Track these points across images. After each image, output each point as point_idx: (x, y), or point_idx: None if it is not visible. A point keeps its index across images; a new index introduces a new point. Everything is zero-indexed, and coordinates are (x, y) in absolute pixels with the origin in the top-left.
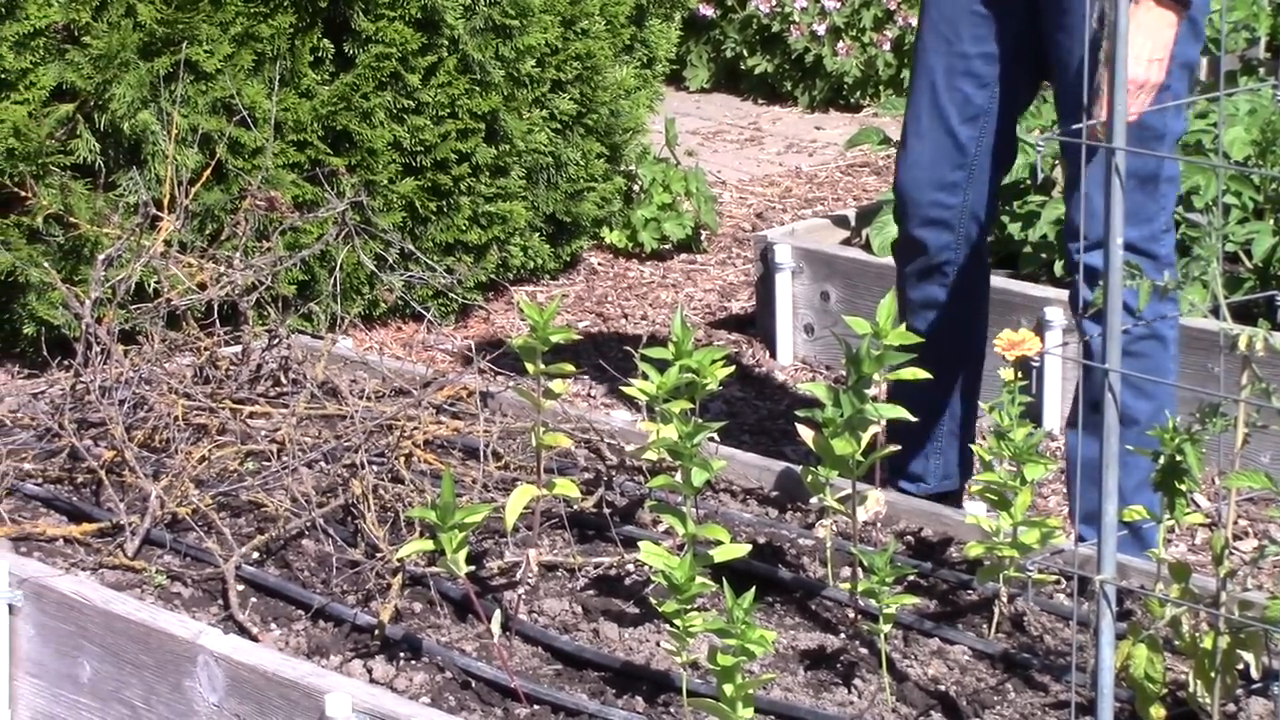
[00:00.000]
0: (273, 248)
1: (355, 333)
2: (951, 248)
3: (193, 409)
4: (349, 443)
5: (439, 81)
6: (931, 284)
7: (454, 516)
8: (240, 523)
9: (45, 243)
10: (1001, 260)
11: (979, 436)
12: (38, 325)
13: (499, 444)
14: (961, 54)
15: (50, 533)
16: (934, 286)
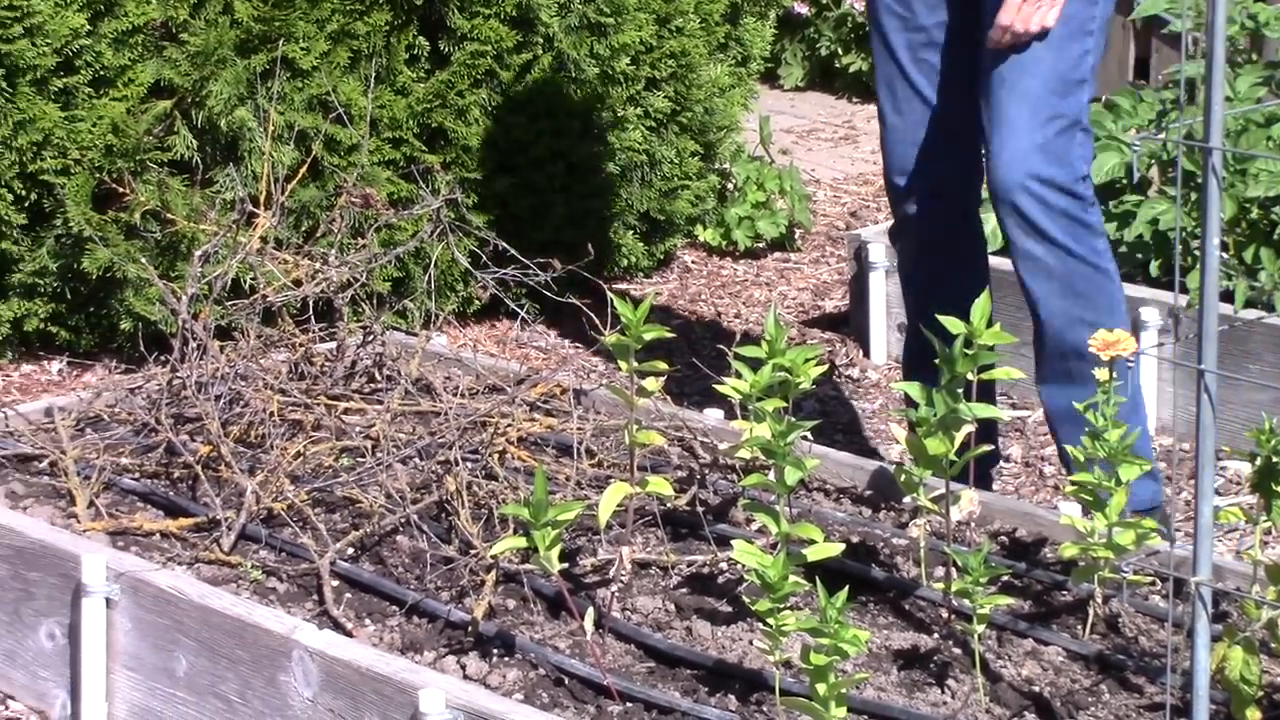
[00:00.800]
0: (368, 245)
1: (449, 330)
2: (944, 217)
3: (288, 405)
4: (443, 439)
5: (534, 79)
6: (934, 256)
7: (547, 514)
8: (335, 518)
9: (143, 239)
10: None
11: None
12: (135, 321)
13: (592, 441)
14: (919, 27)
15: (147, 527)
16: (937, 258)
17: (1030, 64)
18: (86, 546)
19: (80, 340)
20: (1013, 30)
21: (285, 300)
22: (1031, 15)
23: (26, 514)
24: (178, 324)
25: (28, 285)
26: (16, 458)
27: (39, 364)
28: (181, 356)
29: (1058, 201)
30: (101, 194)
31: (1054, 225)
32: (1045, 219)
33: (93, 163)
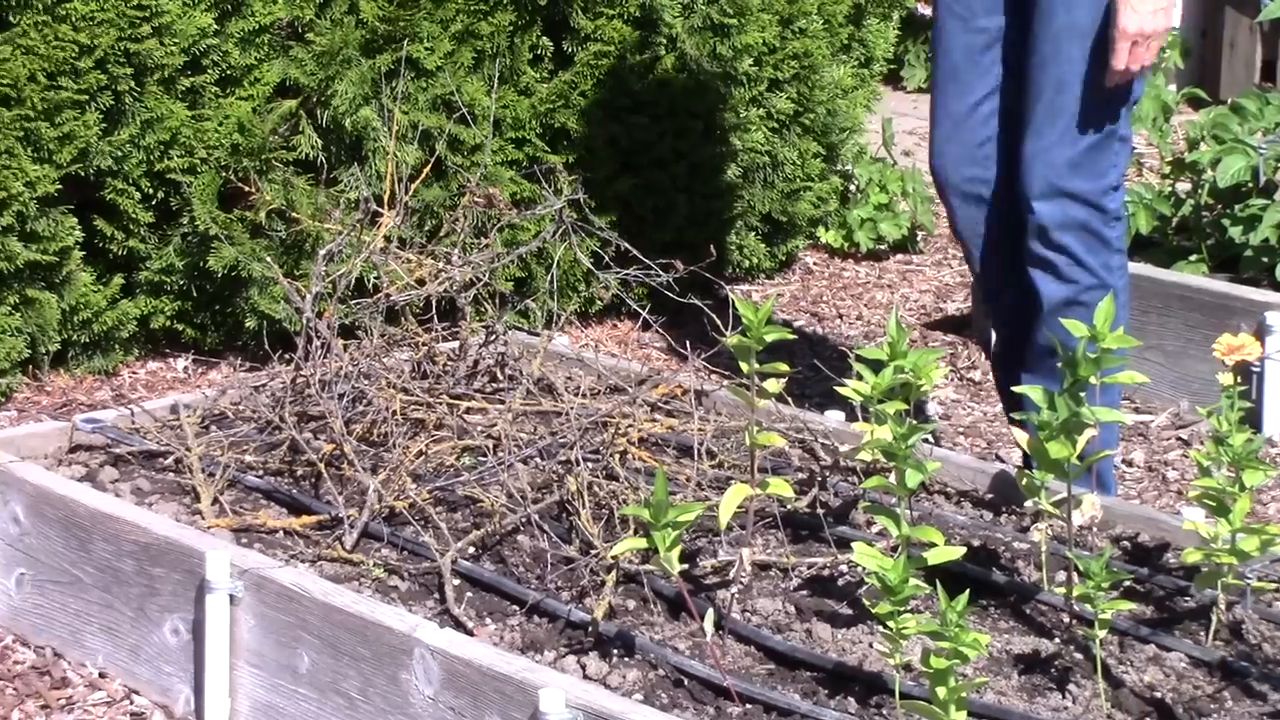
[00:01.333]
0: (490, 244)
1: (571, 330)
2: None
3: (410, 404)
4: (564, 439)
5: (656, 79)
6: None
7: (668, 515)
8: (456, 517)
9: (268, 238)
10: (1221, 264)
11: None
12: (259, 319)
13: (713, 442)
14: (979, 29)
15: (271, 524)
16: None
17: (1071, 77)
18: (211, 543)
19: (206, 338)
20: (1128, 73)
21: (408, 299)
22: (1142, 56)
23: (152, 510)
24: (302, 322)
25: (154, 283)
26: (143, 454)
27: (165, 361)
28: (305, 355)
29: (1078, 214)
30: (227, 193)
31: (1070, 236)
32: (1062, 229)
33: (219, 162)
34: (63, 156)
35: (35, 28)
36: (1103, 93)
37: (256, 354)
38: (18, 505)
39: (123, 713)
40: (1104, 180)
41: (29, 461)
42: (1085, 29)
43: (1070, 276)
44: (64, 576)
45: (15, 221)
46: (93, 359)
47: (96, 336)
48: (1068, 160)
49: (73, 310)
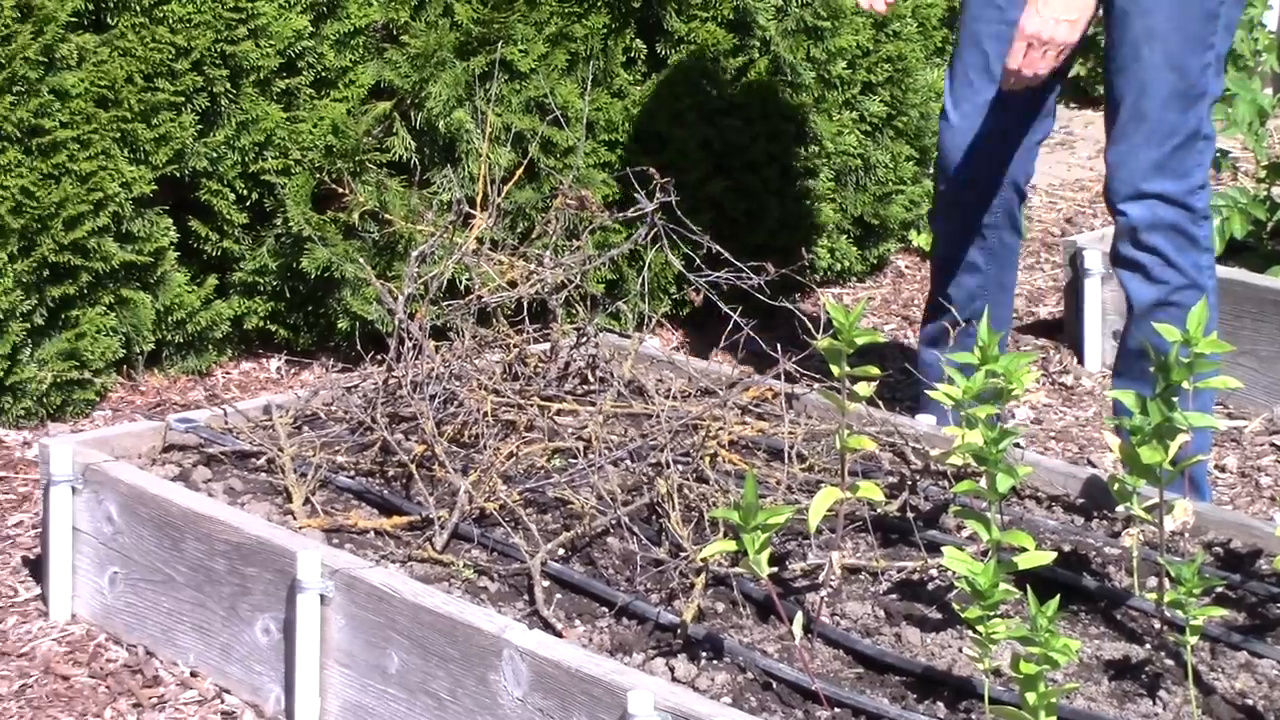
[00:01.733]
0: (582, 247)
1: (662, 332)
2: (994, 211)
3: (501, 405)
4: (654, 441)
5: (750, 82)
6: (970, 245)
7: (757, 517)
8: (546, 519)
9: (361, 239)
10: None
11: None
12: (352, 320)
13: (803, 446)
14: (1010, 21)
15: (361, 525)
16: (972, 249)
17: (1151, 83)
18: (302, 543)
19: (298, 339)
20: (1020, 75)
21: (500, 301)
22: (1037, 62)
23: (244, 510)
24: (394, 324)
25: (248, 284)
26: (236, 454)
27: (258, 362)
28: (397, 356)
29: (1167, 215)
30: (321, 194)
31: (1161, 237)
32: (1151, 230)
33: (313, 163)
34: (159, 157)
35: (133, 30)
36: (1183, 99)
37: (349, 355)
38: (111, 504)
39: (214, 711)
40: (1190, 180)
41: (123, 461)
42: (1162, 31)
43: (1161, 277)
44: (157, 576)
45: (111, 222)
46: (186, 359)
47: (190, 337)
48: (1153, 162)
49: (167, 310)
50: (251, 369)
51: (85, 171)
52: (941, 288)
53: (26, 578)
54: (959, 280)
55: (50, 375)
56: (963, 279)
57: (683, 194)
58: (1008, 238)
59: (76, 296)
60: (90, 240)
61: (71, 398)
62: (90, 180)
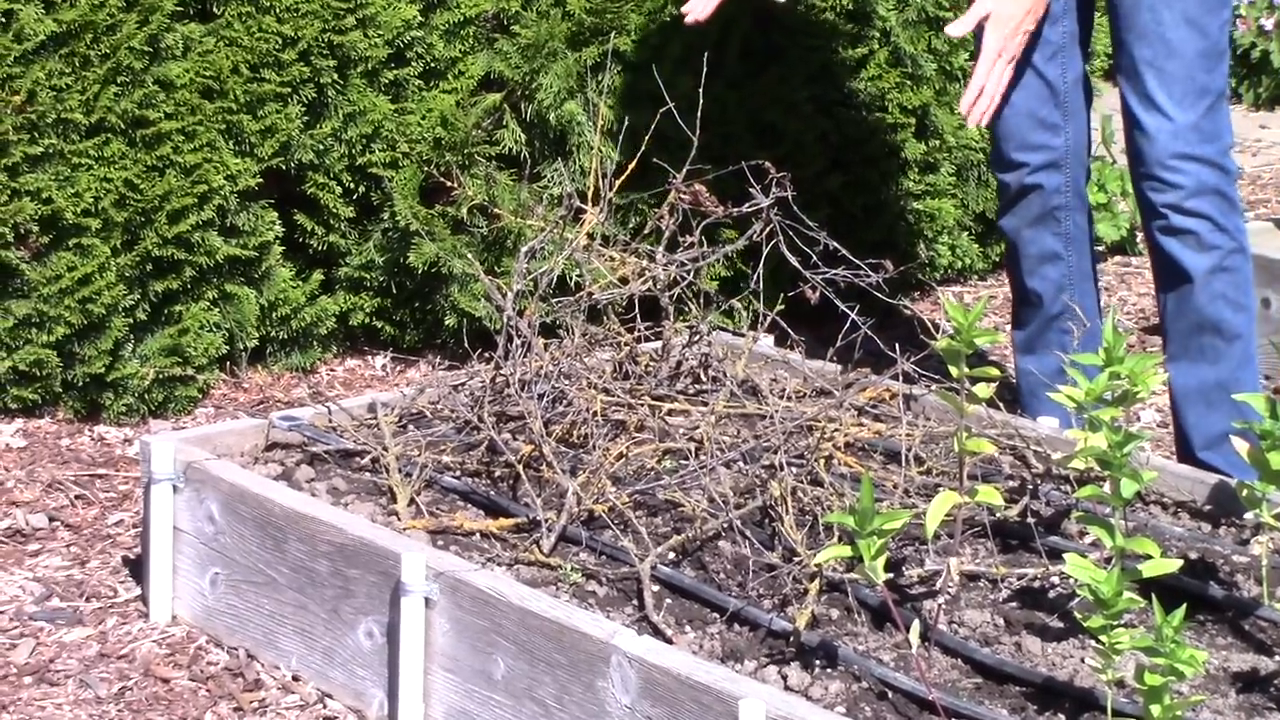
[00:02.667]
0: (695, 242)
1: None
2: (1063, 190)
3: (611, 405)
4: (768, 443)
5: (869, 75)
6: (1046, 233)
7: (873, 522)
8: (656, 522)
9: (469, 234)
10: None
11: None
12: (459, 317)
13: (921, 448)
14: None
15: (467, 526)
16: (1049, 236)
17: (1176, 44)
18: (406, 545)
19: (404, 336)
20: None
21: (611, 298)
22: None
23: (348, 511)
24: (502, 320)
25: (354, 279)
26: (339, 453)
27: (363, 359)
28: (505, 353)
29: (1210, 178)
30: (429, 188)
31: (1207, 202)
32: (1200, 196)
33: (421, 156)
34: (264, 150)
35: (239, 19)
36: (1207, 59)
37: (455, 352)
38: (213, 504)
39: (316, 717)
40: (1223, 140)
41: (224, 459)
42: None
43: (1213, 243)
44: (258, 577)
45: (215, 215)
46: (290, 356)
47: (295, 333)
48: (1191, 125)
49: (271, 306)
50: (356, 366)
51: (190, 164)
52: (1023, 287)
53: (127, 578)
54: (1042, 273)
55: (152, 371)
56: (1045, 271)
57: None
58: (1080, 219)
59: (180, 291)
60: (194, 234)
61: (173, 394)
62: (195, 173)
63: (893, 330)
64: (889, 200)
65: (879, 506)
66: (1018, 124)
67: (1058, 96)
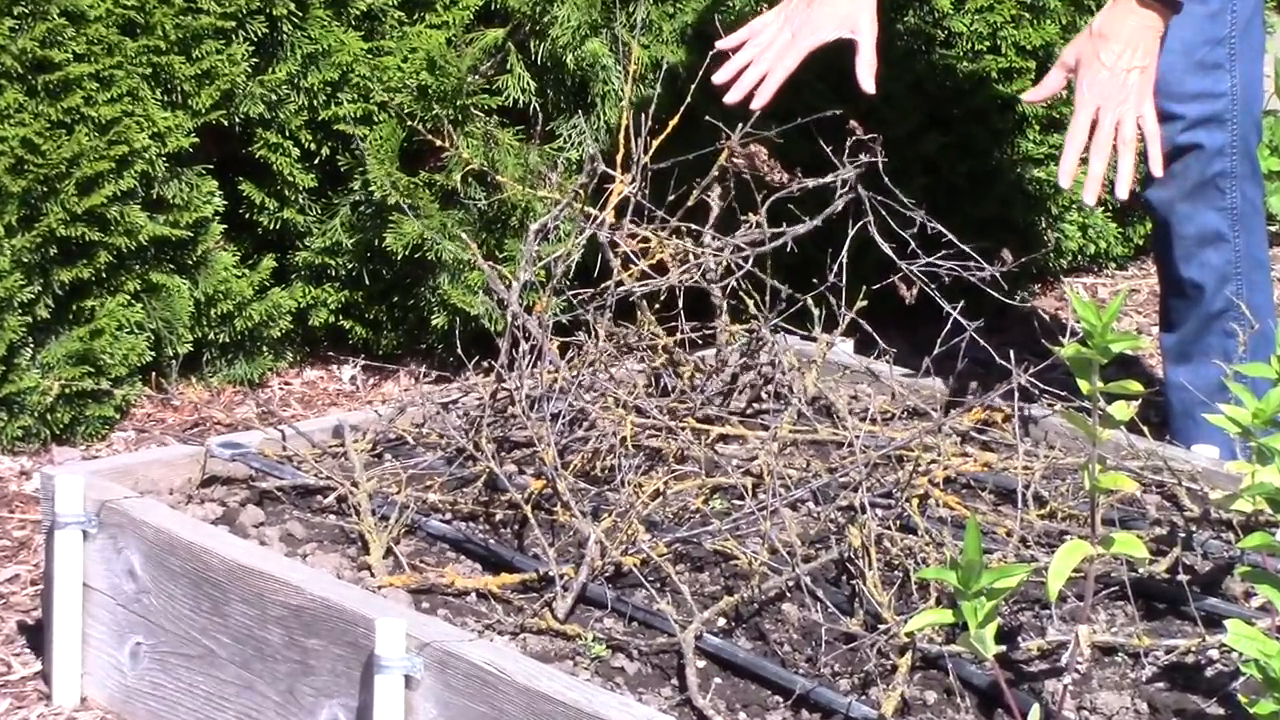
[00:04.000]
0: (755, 221)
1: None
2: (1228, 152)
3: (645, 429)
4: (846, 478)
5: (974, 7)
6: (1206, 207)
7: (981, 579)
8: (703, 579)
9: (463, 208)
10: None
11: None
12: (450, 315)
13: (1042, 485)
14: None
15: (459, 584)
16: (1209, 212)
17: None
18: (382, 607)
19: (379, 339)
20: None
21: (646, 291)
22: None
23: (307, 564)
24: (506, 319)
25: (315, 267)
26: (296, 490)
27: (326, 369)
28: (510, 362)
29: None
30: (412, 150)
31: None
32: None
33: (402, 109)
34: (201, 101)
35: None
36: None
37: (445, 360)
38: (135, 554)
39: None
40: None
41: (150, 497)
42: None
43: None
44: (192, 648)
45: (138, 184)
46: (234, 365)
47: (239, 335)
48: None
49: (209, 301)
50: (318, 378)
51: (105, 118)
52: (1176, 278)
53: (23, 649)
54: (1200, 260)
55: (57, 385)
56: (1205, 257)
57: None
58: (1250, 190)
59: (92, 282)
60: (111, 208)
61: (84, 414)
62: (112, 130)
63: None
64: (1002, 167)
65: (988, 560)
66: (1169, 65)
67: (1223, 31)
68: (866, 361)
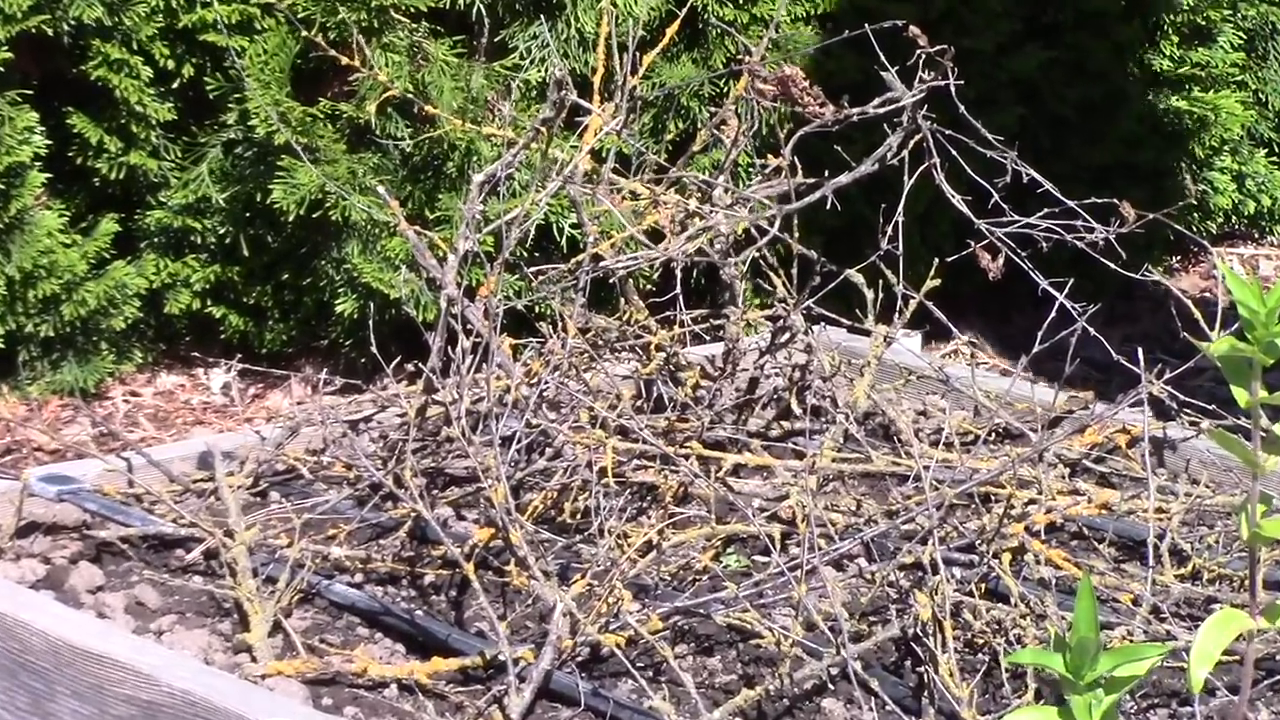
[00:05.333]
0: (782, 167)
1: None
2: None
3: (633, 457)
4: (911, 525)
5: None
6: None
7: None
8: (712, 664)
9: (379, 150)
10: None
11: None
12: (361, 298)
13: (1181, 533)
14: None
15: (375, 672)
16: None
17: None
18: (268, 706)
19: (263, 333)
20: None
21: (633, 266)
22: None
23: (163, 644)
24: (439, 305)
25: (174, 232)
26: (148, 541)
27: (189, 374)
28: (445, 366)
29: None
30: (309, 69)
31: None
32: None
33: (295, 11)
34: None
35: None
36: None
37: (354, 363)
38: None
39: None
40: None
41: None
42: None
43: None
44: None
45: None
46: (60, 368)
47: (68, 327)
48: None
49: (26, 279)
50: (178, 387)
51: None
52: None
53: None
54: None
55: None
56: None
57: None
58: None
59: None
60: None
61: None
62: None
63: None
64: (1124, 93)
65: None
66: None
67: None
68: (939, 361)
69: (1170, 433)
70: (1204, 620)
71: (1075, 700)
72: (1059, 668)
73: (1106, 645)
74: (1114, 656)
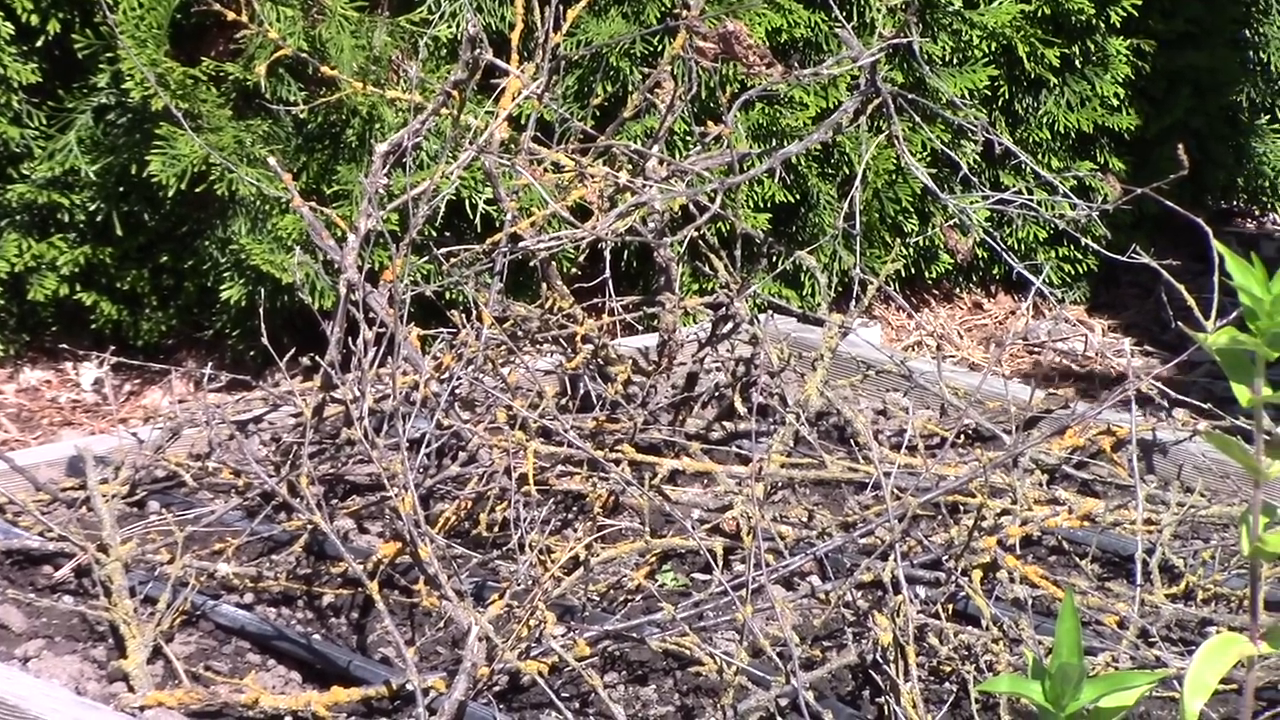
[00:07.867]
0: (727, 137)
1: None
2: None
3: (554, 461)
4: (870, 539)
5: None
6: None
7: (1081, 694)
8: (646, 693)
9: (270, 117)
10: None
11: None
12: (250, 284)
13: (1173, 547)
14: None
15: (267, 703)
16: None
17: None
18: None
19: (139, 323)
20: None
21: (557, 247)
22: None
23: (29, 671)
24: (338, 291)
25: (37, 209)
26: (11, 557)
27: (55, 368)
28: (344, 359)
29: None
30: (190, 25)
31: None
32: None
33: None
34: None
35: None
36: None
37: (242, 356)
38: None
39: None
40: None
41: None
42: None
43: None
44: None
45: None
46: None
47: None
48: None
49: None
50: (43, 383)
51: None
52: None
53: None
54: None
55: None
56: None
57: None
58: None
59: None
60: None
61: None
62: None
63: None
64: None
65: (1091, 664)
66: None
67: None
68: (900, 354)
69: (1161, 435)
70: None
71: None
72: (1037, 697)
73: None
74: (1098, 685)
